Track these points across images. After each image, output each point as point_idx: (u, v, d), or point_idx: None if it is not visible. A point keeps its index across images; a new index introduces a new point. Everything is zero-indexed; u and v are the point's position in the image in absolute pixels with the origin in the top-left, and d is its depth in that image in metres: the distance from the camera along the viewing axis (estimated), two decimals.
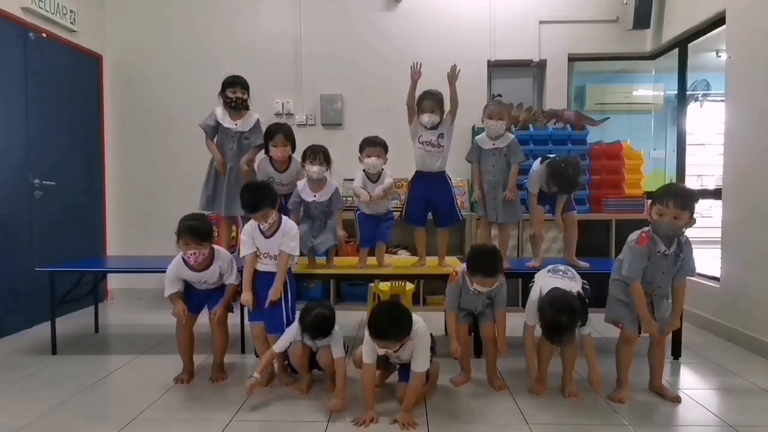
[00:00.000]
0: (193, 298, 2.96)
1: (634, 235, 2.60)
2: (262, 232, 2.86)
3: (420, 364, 2.48)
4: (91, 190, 5.15)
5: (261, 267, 2.90)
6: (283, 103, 5.28)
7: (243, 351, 3.48)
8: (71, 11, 4.77)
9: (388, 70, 5.22)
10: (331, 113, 5.25)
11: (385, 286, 4.19)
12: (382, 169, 3.32)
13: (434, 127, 3.28)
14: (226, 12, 5.30)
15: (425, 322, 2.55)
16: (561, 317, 2.47)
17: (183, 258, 2.85)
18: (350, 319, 4.25)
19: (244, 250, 2.90)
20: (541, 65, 5.33)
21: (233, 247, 3.66)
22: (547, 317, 2.52)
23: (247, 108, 3.72)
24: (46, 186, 4.39)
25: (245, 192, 2.84)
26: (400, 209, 3.54)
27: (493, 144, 3.36)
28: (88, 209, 5.11)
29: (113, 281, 5.33)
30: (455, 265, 3.40)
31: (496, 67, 5.36)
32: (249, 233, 2.88)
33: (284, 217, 2.93)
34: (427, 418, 2.48)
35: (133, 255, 5.11)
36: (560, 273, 2.78)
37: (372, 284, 4.33)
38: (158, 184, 5.36)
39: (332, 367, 2.68)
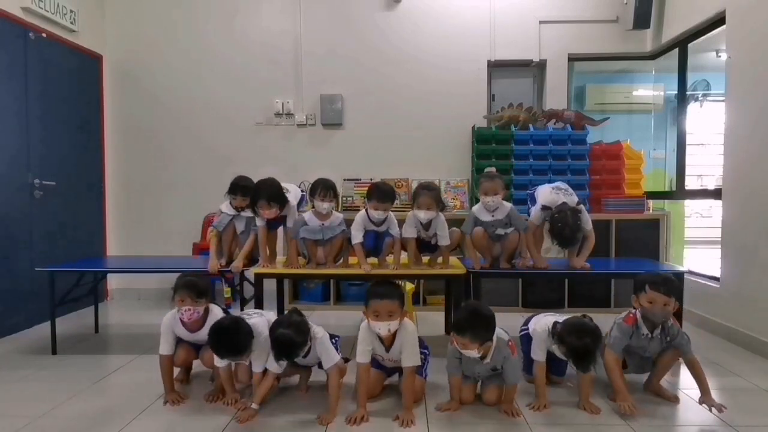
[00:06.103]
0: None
1: (623, 314, 2.72)
2: None
3: (409, 359, 2.51)
4: (91, 190, 5.15)
5: None
6: (283, 103, 5.28)
7: None
8: (71, 11, 4.77)
9: (388, 69, 5.23)
10: (331, 113, 5.25)
11: None
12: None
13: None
14: (226, 12, 5.30)
15: (425, 323, 2.55)
16: (586, 340, 2.43)
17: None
18: (350, 319, 4.24)
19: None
20: (541, 65, 5.33)
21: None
22: (572, 345, 2.45)
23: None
24: (46, 186, 4.39)
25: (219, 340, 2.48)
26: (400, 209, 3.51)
27: (492, 216, 3.28)
28: (88, 209, 5.11)
29: (113, 281, 5.32)
30: (457, 265, 3.39)
31: (496, 67, 5.36)
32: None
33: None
34: (427, 417, 2.49)
35: (133, 255, 5.11)
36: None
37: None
38: (158, 184, 5.36)
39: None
